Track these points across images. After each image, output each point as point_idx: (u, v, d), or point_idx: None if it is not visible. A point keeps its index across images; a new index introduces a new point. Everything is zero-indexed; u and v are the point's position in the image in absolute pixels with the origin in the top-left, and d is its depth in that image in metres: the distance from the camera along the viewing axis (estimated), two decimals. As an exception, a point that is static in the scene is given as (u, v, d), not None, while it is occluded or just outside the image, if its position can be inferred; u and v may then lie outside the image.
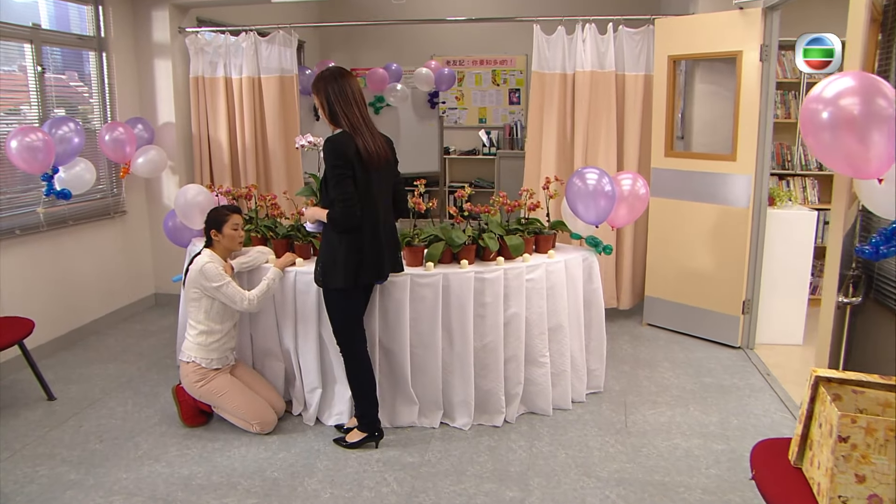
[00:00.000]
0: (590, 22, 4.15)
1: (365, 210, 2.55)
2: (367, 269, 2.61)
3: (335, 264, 2.58)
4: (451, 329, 2.96)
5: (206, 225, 2.96)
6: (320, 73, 2.59)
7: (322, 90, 2.55)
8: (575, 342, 3.24)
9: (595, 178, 3.19)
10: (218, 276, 2.83)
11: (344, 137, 2.51)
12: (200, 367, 2.90)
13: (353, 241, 2.57)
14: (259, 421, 2.91)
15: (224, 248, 2.95)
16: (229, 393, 2.91)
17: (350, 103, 2.54)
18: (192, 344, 2.93)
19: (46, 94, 3.91)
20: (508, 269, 3.00)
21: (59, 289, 4.01)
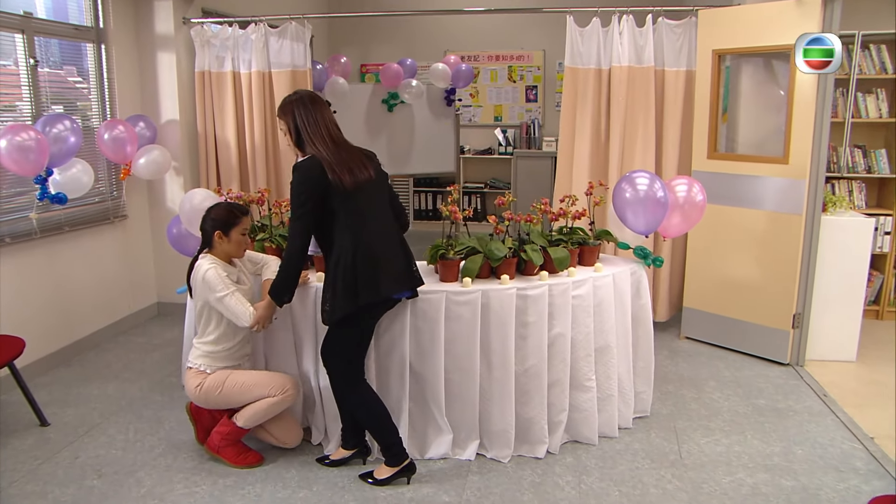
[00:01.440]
0: (627, 13, 3.85)
1: (350, 232, 2.35)
2: (365, 288, 2.36)
3: (335, 295, 2.37)
4: (489, 352, 2.67)
5: (210, 224, 2.59)
6: (287, 98, 2.46)
7: (289, 114, 2.40)
8: (622, 363, 2.95)
9: (646, 184, 2.90)
10: (221, 284, 2.51)
11: (310, 163, 2.34)
12: (201, 372, 2.61)
13: (342, 264, 2.36)
14: (281, 386, 2.60)
15: (225, 254, 2.63)
16: (228, 380, 2.59)
17: (318, 128, 2.37)
18: (199, 351, 2.65)
19: (40, 90, 3.60)
20: (553, 285, 2.71)
21: (55, 300, 3.70)
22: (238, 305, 2.51)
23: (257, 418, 2.62)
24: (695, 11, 3.79)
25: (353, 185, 2.34)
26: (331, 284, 2.37)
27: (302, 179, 2.31)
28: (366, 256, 2.35)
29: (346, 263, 2.34)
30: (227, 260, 2.65)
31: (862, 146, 4.41)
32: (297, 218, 2.34)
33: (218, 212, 2.61)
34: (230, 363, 2.67)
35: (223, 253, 2.62)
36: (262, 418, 2.63)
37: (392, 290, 2.44)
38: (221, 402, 2.64)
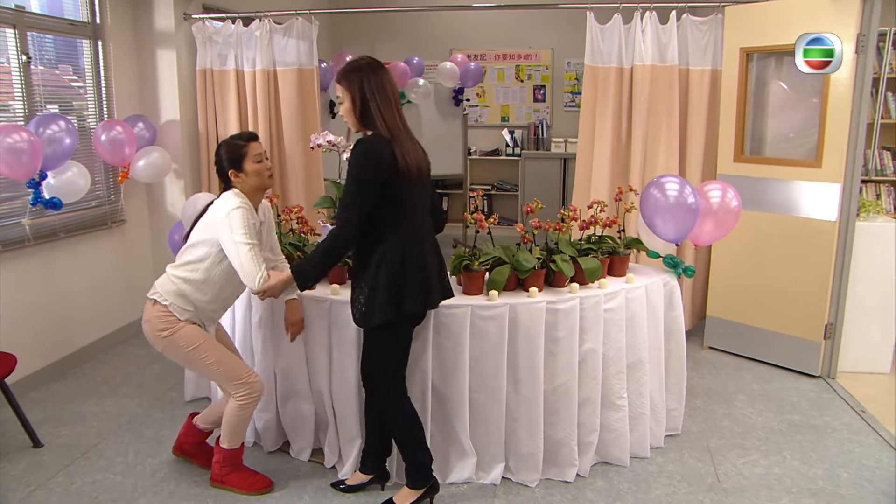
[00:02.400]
0: (650, 9, 3.68)
1: (400, 230, 2.13)
2: (411, 296, 2.14)
3: (374, 296, 2.12)
4: (517, 369, 2.50)
5: (221, 166, 2.32)
6: (353, 62, 2.13)
7: (356, 82, 2.08)
8: (654, 380, 2.79)
9: (676, 189, 2.74)
10: (245, 229, 2.18)
11: (379, 142, 2.06)
12: (170, 315, 2.29)
13: (390, 264, 2.11)
14: (243, 381, 2.33)
15: (252, 189, 2.32)
16: (203, 346, 2.31)
17: (389, 102, 2.09)
18: (169, 285, 2.31)
19: (33, 88, 3.41)
20: (585, 298, 2.54)
21: (49, 310, 3.51)
22: (253, 262, 2.19)
23: (236, 430, 2.41)
24: (721, 7, 3.63)
25: (417, 176, 2.11)
26: (370, 284, 2.12)
27: (368, 159, 2.02)
28: (415, 262, 2.14)
29: (394, 266, 2.10)
30: (257, 197, 2.36)
31: (890, 148, 4.26)
32: (353, 203, 2.04)
33: (224, 150, 2.34)
34: (202, 320, 2.36)
35: (249, 189, 2.32)
36: (241, 427, 2.42)
37: (435, 301, 2.26)
38: (179, 360, 2.37)
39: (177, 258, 2.40)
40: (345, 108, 2.12)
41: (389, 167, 2.04)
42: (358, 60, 2.13)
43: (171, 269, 2.36)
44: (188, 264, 2.32)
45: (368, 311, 2.14)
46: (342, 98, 2.12)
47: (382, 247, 2.10)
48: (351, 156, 2.05)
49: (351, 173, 2.04)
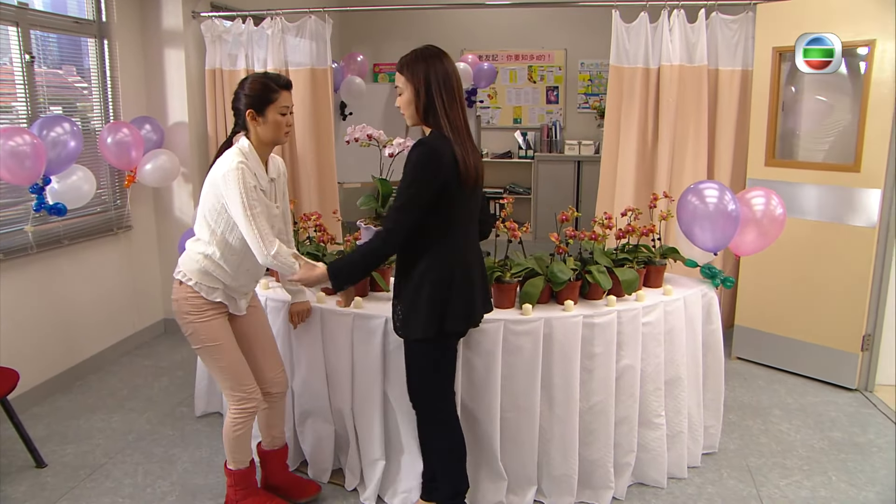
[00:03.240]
0: (678, 7, 3.54)
1: (449, 240, 1.96)
2: (456, 314, 1.98)
3: (416, 309, 1.96)
4: (551, 387, 2.35)
5: (242, 102, 2.06)
6: (418, 51, 1.94)
7: (421, 72, 1.89)
8: (692, 396, 2.64)
9: (715, 196, 2.59)
10: (241, 190, 1.95)
11: (441, 143, 1.89)
12: (198, 297, 2.10)
13: (438, 277, 1.95)
14: (239, 395, 2.16)
15: (261, 141, 2.08)
16: (223, 346, 2.14)
17: (454, 97, 1.92)
18: (192, 262, 2.12)
19: (36, 89, 3.27)
20: (622, 312, 2.39)
21: (53, 320, 3.36)
22: (253, 231, 1.96)
23: (235, 448, 2.23)
24: (752, 5, 3.49)
25: (475, 181, 1.95)
26: (410, 297, 1.96)
27: (429, 161, 1.85)
28: (462, 277, 1.99)
29: (439, 281, 1.94)
30: (265, 150, 2.11)
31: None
32: (406, 206, 1.87)
33: (252, 86, 2.06)
34: (232, 295, 2.16)
35: (258, 140, 2.08)
36: (239, 445, 2.23)
37: (479, 318, 2.10)
38: (193, 346, 2.18)
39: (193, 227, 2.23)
40: (404, 99, 1.94)
41: (450, 170, 1.88)
42: (424, 49, 1.94)
43: (190, 244, 2.17)
44: (200, 240, 2.13)
45: (407, 324, 1.98)
46: (402, 89, 1.93)
47: (428, 258, 1.94)
48: (409, 156, 1.88)
49: (408, 174, 1.87)
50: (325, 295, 2.49)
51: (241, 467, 2.27)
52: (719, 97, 3.63)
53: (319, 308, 2.42)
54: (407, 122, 2.01)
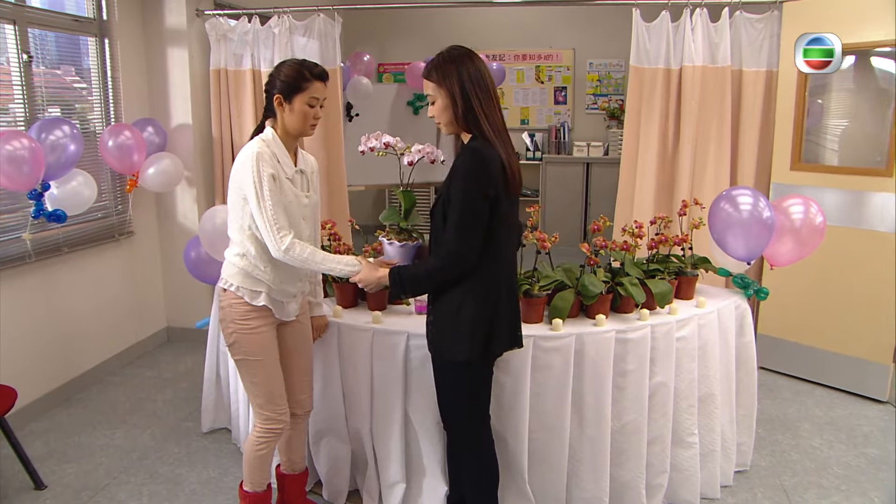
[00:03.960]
0: (700, 6, 3.42)
1: (494, 255, 1.81)
2: (501, 335, 1.85)
3: (457, 327, 1.81)
4: (582, 406, 2.23)
5: (276, 85, 1.94)
6: (445, 53, 1.80)
7: (452, 76, 1.76)
8: (725, 413, 2.52)
9: (749, 203, 2.48)
10: (255, 177, 1.84)
11: (489, 149, 1.75)
12: (243, 302, 1.97)
13: (483, 294, 1.81)
14: (269, 415, 2.02)
15: (286, 131, 1.97)
16: (263, 362, 2.00)
17: (490, 98, 1.78)
18: (231, 266, 2.00)
19: (34, 90, 3.13)
20: (656, 326, 2.27)
21: (52, 331, 3.22)
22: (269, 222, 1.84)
23: (254, 469, 2.09)
24: (779, 3, 3.37)
25: (518, 190, 1.83)
26: (453, 313, 1.81)
27: (482, 170, 1.71)
28: (509, 293, 1.86)
29: (484, 301, 1.81)
30: (289, 140, 1.98)
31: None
32: (470, 224, 1.72)
33: (287, 71, 1.95)
34: (279, 298, 2.01)
35: (284, 128, 1.96)
36: (259, 466, 2.09)
37: (521, 337, 1.95)
38: (232, 356, 2.04)
39: None
40: (438, 107, 1.80)
41: (500, 179, 1.75)
42: (450, 50, 1.80)
43: (227, 251, 2.04)
44: (234, 241, 2.01)
45: (447, 345, 1.84)
46: (433, 96, 1.80)
47: (472, 274, 1.79)
48: (461, 165, 1.74)
49: (461, 187, 1.72)
50: (342, 309, 2.37)
51: (259, 490, 2.14)
52: (743, 99, 3.51)
53: (337, 323, 2.29)
54: (443, 131, 1.88)
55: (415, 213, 2.34)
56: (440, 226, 1.81)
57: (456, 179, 1.74)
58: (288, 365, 2.11)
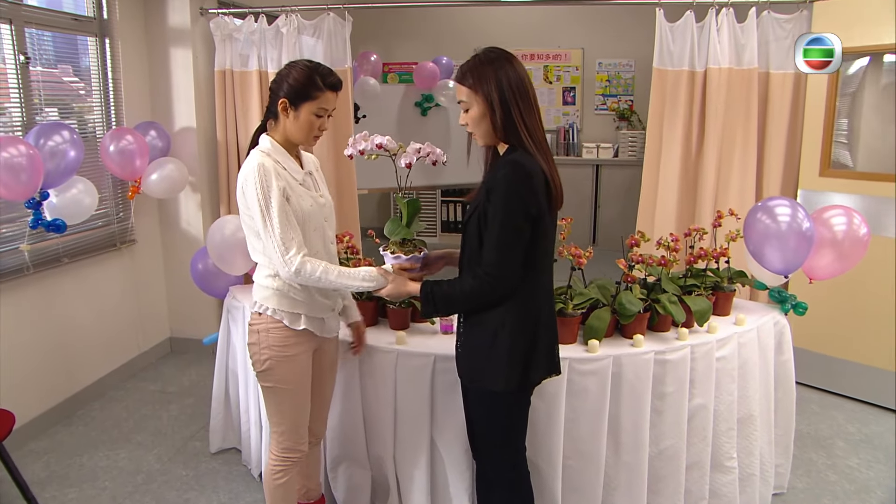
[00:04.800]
0: (727, 6, 3.29)
1: (535, 276, 1.68)
2: (540, 361, 1.71)
3: (493, 355, 1.68)
4: (618, 432, 2.11)
5: (282, 88, 1.78)
6: (482, 56, 1.65)
7: (490, 81, 1.61)
8: (764, 434, 2.40)
9: (788, 213, 2.36)
10: (258, 193, 1.69)
11: (531, 162, 1.61)
12: (282, 326, 1.81)
13: (522, 318, 1.67)
14: (287, 446, 1.90)
15: (286, 138, 1.82)
16: (295, 391, 1.87)
17: (531, 106, 1.65)
18: (263, 289, 1.84)
19: (32, 92, 2.98)
20: (696, 346, 2.15)
21: (52, 345, 3.08)
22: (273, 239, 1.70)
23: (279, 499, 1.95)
24: (808, 3, 3.24)
25: (560, 206, 1.70)
26: (489, 339, 1.67)
27: (524, 185, 1.57)
28: (549, 316, 1.72)
29: (525, 321, 1.67)
30: (289, 148, 1.83)
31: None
32: (512, 247, 1.59)
33: (298, 75, 1.77)
34: (319, 314, 1.87)
35: (285, 135, 1.81)
36: (285, 494, 1.95)
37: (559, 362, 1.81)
38: (260, 382, 1.88)
39: None
40: (473, 116, 1.65)
41: (543, 194, 1.61)
42: (487, 53, 1.65)
43: (256, 273, 1.89)
44: (260, 264, 1.86)
45: (482, 373, 1.70)
46: (467, 103, 1.65)
47: (511, 297, 1.66)
48: (502, 179, 1.58)
49: (501, 203, 1.57)
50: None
51: None
52: (769, 102, 3.39)
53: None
54: (478, 142, 1.74)
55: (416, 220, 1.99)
56: (475, 244, 1.68)
57: (495, 195, 1.60)
58: (312, 391, 1.98)
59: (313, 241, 1.84)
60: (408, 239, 1.91)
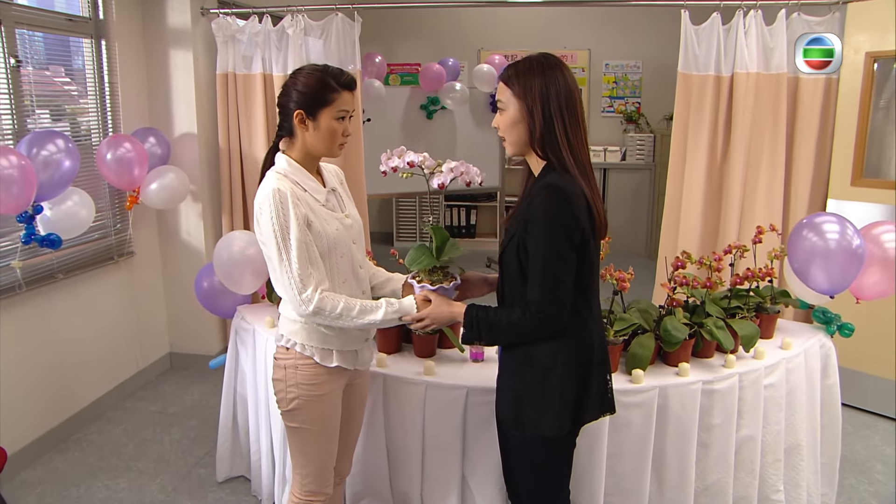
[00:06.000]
0: (755, 7, 3.15)
1: (585, 311, 1.53)
2: (592, 401, 1.55)
3: (542, 397, 1.52)
4: (663, 467, 1.97)
5: (293, 99, 1.60)
6: (531, 60, 1.50)
7: (536, 88, 1.46)
8: (810, 465, 2.27)
9: (836, 230, 2.22)
10: (274, 223, 1.53)
11: (574, 186, 1.46)
12: (313, 363, 1.65)
13: (575, 355, 1.52)
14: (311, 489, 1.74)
15: (308, 152, 1.64)
16: (323, 432, 1.71)
17: (577, 121, 1.49)
18: (291, 323, 1.67)
19: (23, 98, 2.79)
20: (744, 374, 2.01)
21: (46, 366, 2.90)
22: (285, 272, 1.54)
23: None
24: (841, 4, 3.11)
25: (604, 234, 1.56)
26: (538, 380, 1.52)
27: (567, 213, 1.43)
28: (601, 352, 1.57)
29: (578, 360, 1.52)
30: (311, 164, 1.67)
31: None
32: (561, 280, 1.45)
33: (306, 80, 1.60)
34: (341, 343, 1.68)
35: (303, 151, 1.64)
36: None
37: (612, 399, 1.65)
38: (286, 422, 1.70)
39: None
40: (507, 119, 1.51)
41: (587, 222, 1.47)
42: (538, 57, 1.50)
43: (281, 307, 1.70)
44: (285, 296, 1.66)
45: (529, 417, 1.54)
46: (505, 104, 1.51)
47: (562, 335, 1.50)
48: (540, 206, 1.43)
49: (545, 234, 1.42)
50: (386, 356, 2.07)
51: None
52: (798, 108, 3.26)
53: (382, 374, 2.00)
54: (508, 151, 1.58)
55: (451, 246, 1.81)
56: (516, 276, 1.51)
57: (534, 226, 1.44)
58: (340, 429, 1.81)
59: (341, 269, 1.67)
60: (438, 267, 1.76)
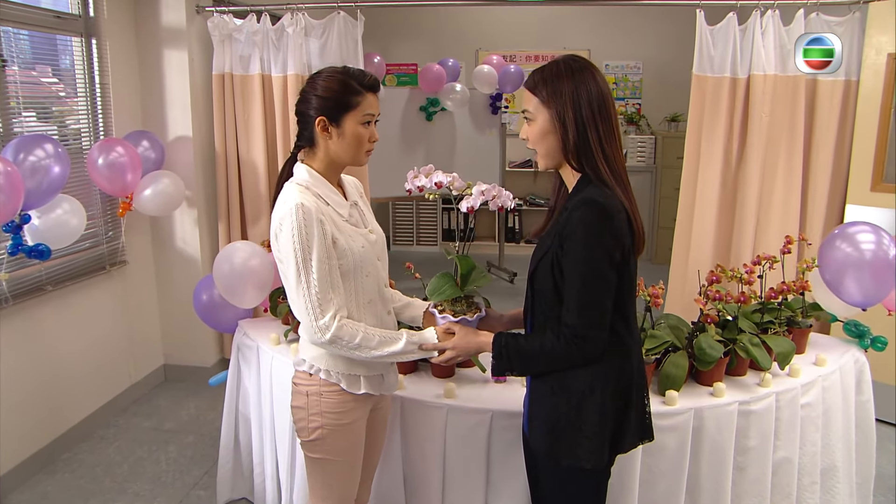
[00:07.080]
0: (772, 7, 3.06)
1: (624, 335, 1.41)
2: (632, 429, 1.44)
3: (580, 427, 1.39)
4: (697, 491, 1.86)
5: (313, 106, 1.49)
6: (560, 63, 1.38)
7: (567, 95, 1.35)
8: (846, 486, 2.17)
9: (872, 240, 2.13)
10: (295, 240, 1.41)
11: (613, 201, 1.34)
12: (339, 391, 1.53)
13: (613, 382, 1.40)
14: None
15: (332, 161, 1.53)
16: (346, 463, 1.59)
17: (612, 129, 1.37)
18: (311, 346, 1.53)
19: (9, 100, 2.64)
20: (780, 394, 1.90)
21: (35, 383, 2.75)
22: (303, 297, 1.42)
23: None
24: (862, 4, 3.02)
25: (642, 248, 1.42)
26: (574, 408, 1.39)
27: (608, 230, 1.31)
28: (640, 376, 1.45)
29: (618, 387, 1.40)
30: (332, 175, 1.55)
31: None
32: (602, 301, 1.33)
33: (327, 84, 1.49)
34: (378, 372, 1.59)
35: (327, 160, 1.53)
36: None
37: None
38: (306, 452, 1.58)
39: None
40: (537, 130, 1.39)
41: (628, 238, 1.35)
42: (567, 60, 1.38)
43: (301, 329, 1.52)
44: None
45: (565, 448, 1.41)
46: (533, 114, 1.39)
47: (599, 361, 1.38)
48: (579, 223, 1.31)
49: (584, 253, 1.31)
50: (403, 376, 1.95)
51: None
52: (817, 111, 3.17)
53: (400, 396, 1.87)
54: (540, 164, 1.46)
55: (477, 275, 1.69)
56: (550, 297, 1.39)
57: (571, 244, 1.32)
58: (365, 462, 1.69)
59: (366, 288, 1.54)
60: (461, 297, 1.64)
